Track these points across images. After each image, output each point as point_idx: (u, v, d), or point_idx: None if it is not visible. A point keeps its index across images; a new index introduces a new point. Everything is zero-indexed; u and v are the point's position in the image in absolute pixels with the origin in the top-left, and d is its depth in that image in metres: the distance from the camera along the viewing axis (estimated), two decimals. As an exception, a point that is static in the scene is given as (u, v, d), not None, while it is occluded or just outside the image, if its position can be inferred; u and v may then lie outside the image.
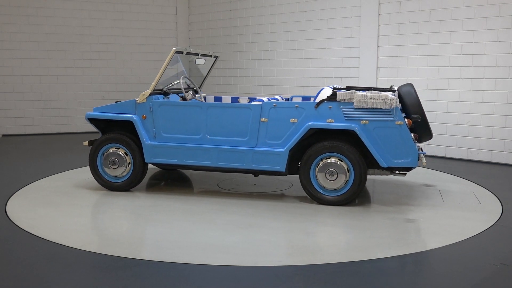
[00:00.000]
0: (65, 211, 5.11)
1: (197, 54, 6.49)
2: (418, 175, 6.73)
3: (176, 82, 6.24)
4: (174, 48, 5.77)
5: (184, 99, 6.19)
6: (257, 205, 5.35)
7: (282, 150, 5.35)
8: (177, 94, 6.32)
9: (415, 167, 5.24)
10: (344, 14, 9.17)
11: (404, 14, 8.40)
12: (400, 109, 5.41)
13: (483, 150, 7.82)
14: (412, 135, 5.14)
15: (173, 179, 6.64)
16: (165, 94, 6.04)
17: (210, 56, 6.83)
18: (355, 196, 5.26)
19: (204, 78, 7.21)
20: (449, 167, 7.39)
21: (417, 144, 5.76)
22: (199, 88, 7.13)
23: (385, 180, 6.48)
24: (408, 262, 3.84)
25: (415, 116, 5.24)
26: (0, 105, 10.57)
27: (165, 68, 5.77)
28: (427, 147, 8.16)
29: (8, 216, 4.90)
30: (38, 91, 10.83)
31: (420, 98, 5.58)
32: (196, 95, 6.55)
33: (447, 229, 4.57)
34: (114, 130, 6.05)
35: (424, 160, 5.22)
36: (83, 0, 11.07)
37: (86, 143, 5.99)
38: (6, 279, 3.47)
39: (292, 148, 5.34)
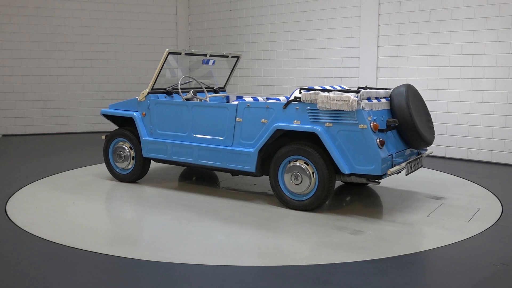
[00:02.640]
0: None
1: (205, 55, 6.65)
2: (425, 180, 6.56)
3: (175, 84, 6.35)
4: (167, 50, 5.95)
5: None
6: (224, 203, 5.36)
7: (252, 150, 5.29)
8: (178, 94, 6.39)
9: (382, 176, 4.74)
10: (344, 14, 9.17)
11: (404, 14, 8.40)
12: (389, 111, 5.21)
13: (483, 150, 7.82)
14: (378, 140, 4.69)
15: (199, 177, 6.74)
16: (168, 93, 6.27)
17: (227, 56, 6.95)
18: (321, 202, 4.96)
19: (228, 78, 7.36)
20: (449, 167, 7.38)
21: (422, 151, 5.57)
22: (223, 88, 7.31)
23: (391, 188, 6.15)
24: (408, 262, 3.84)
25: (391, 119, 4.94)
26: (0, 105, 10.57)
27: (161, 69, 5.96)
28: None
29: (8, 216, 4.90)
30: (38, 91, 10.83)
31: (416, 101, 5.26)
32: (203, 96, 6.60)
33: (379, 246, 4.15)
34: (127, 126, 6.46)
35: (392, 169, 4.72)
36: (83, 0, 11.07)
37: (103, 136, 6.50)
38: (6, 279, 3.47)
39: (261, 149, 5.24)
